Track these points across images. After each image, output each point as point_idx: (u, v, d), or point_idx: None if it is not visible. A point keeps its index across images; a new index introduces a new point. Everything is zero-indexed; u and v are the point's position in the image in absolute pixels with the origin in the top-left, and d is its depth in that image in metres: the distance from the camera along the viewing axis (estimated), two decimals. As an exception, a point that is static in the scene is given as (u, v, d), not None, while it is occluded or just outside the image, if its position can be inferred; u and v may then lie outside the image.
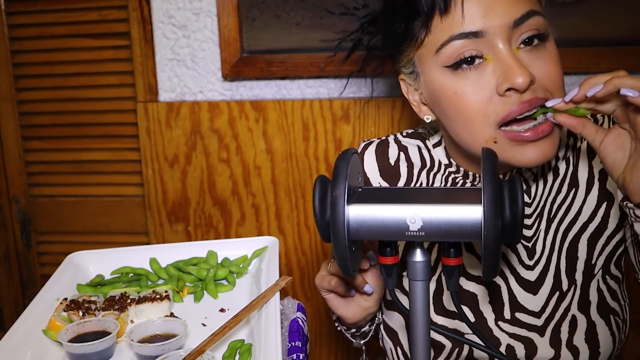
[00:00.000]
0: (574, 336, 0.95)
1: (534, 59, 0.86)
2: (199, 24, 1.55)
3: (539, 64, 0.86)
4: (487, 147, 0.74)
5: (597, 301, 0.97)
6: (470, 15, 0.84)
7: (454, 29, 0.85)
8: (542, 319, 0.96)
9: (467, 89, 0.86)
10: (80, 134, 1.67)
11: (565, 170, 0.98)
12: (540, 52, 0.87)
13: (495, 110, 0.85)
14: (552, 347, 0.95)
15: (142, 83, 1.59)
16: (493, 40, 0.85)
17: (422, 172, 1.04)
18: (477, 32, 0.84)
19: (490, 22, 0.84)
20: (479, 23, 0.84)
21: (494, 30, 0.84)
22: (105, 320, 0.98)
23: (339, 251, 0.73)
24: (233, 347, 0.95)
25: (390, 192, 0.79)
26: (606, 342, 0.96)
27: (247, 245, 1.24)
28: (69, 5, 1.58)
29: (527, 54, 0.86)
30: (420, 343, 0.77)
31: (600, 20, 1.39)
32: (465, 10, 0.84)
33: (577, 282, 0.97)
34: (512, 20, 0.84)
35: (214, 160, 1.59)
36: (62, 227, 1.73)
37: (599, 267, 0.98)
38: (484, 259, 0.69)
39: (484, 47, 0.85)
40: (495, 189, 0.68)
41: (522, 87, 0.83)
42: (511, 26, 0.84)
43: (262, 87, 1.57)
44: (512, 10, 0.84)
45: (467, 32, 0.84)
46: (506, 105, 0.85)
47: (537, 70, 0.85)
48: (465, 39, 0.85)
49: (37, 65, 1.64)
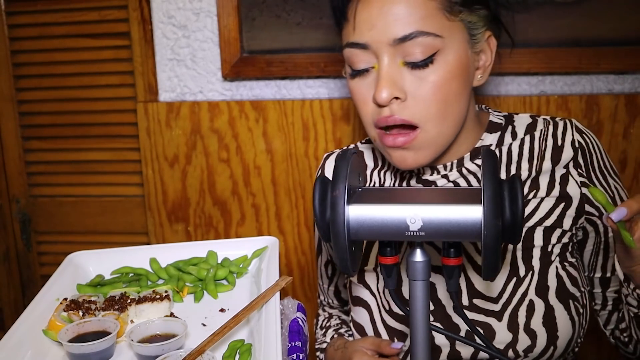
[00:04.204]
0: (531, 320, 0.97)
1: (415, 78, 0.92)
2: (199, 24, 1.55)
3: (418, 85, 0.92)
4: (487, 148, 0.74)
5: (556, 286, 0.99)
6: (360, 28, 0.92)
7: (349, 37, 0.95)
8: (500, 304, 0.98)
9: (356, 92, 0.97)
10: (80, 134, 1.67)
11: (528, 174, 1.02)
12: (422, 74, 0.92)
13: (372, 116, 0.96)
14: (510, 331, 0.97)
15: (142, 83, 1.59)
16: (378, 52, 0.92)
17: (374, 172, 1.11)
18: (364, 44, 0.92)
19: (374, 37, 0.91)
20: (365, 36, 0.92)
21: (377, 45, 0.91)
22: (105, 320, 0.98)
23: (339, 251, 0.73)
24: (233, 347, 0.95)
25: (390, 192, 0.79)
26: (565, 326, 0.98)
27: (247, 245, 1.24)
28: (69, 5, 1.58)
29: (409, 71, 0.92)
30: (420, 343, 0.77)
31: (600, 20, 1.39)
32: (356, 22, 0.93)
33: (535, 268, 0.99)
34: (392, 38, 0.90)
35: (214, 160, 1.59)
36: (62, 227, 1.73)
37: (556, 254, 1.01)
38: (484, 259, 0.69)
39: (372, 57, 0.93)
40: (495, 189, 0.68)
41: (381, 102, 0.92)
42: (392, 43, 0.90)
43: (262, 87, 1.57)
44: (395, 28, 0.90)
45: (356, 42, 0.93)
46: (375, 114, 0.95)
47: (414, 91, 0.92)
48: (355, 48, 0.94)
49: (37, 65, 1.64)
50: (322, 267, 1.25)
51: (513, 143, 1.04)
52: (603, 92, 1.47)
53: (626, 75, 1.45)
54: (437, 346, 0.99)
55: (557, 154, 1.02)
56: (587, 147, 1.03)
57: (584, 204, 1.01)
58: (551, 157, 1.02)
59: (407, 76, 0.92)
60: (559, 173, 1.02)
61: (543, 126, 1.05)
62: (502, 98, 1.46)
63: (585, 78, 1.46)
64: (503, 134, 1.05)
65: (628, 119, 1.44)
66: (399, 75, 0.92)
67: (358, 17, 0.92)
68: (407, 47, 0.90)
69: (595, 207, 1.02)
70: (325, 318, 1.26)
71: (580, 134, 1.04)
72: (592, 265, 1.08)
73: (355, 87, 0.97)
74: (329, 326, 1.22)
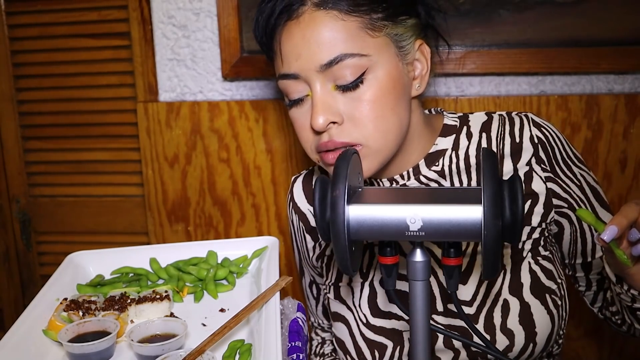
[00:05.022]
0: (507, 320, 0.97)
1: (348, 100, 0.93)
2: (199, 24, 1.55)
3: (352, 106, 0.93)
4: (487, 148, 0.74)
5: (530, 283, 0.98)
6: (287, 59, 0.94)
7: (279, 69, 0.96)
8: (474, 307, 0.98)
9: (295, 120, 0.98)
10: (80, 134, 1.67)
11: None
12: (355, 95, 0.92)
13: (312, 143, 0.97)
14: (487, 333, 0.96)
15: (142, 83, 1.59)
16: (309, 80, 0.93)
17: None
18: (293, 75, 0.94)
19: (301, 66, 0.92)
20: (293, 66, 0.93)
21: (305, 72, 0.92)
22: (105, 320, 0.98)
23: (339, 251, 0.73)
24: (233, 347, 0.95)
25: (390, 192, 0.79)
26: (542, 321, 0.97)
27: (247, 245, 1.24)
28: (69, 5, 1.58)
29: (341, 94, 0.93)
30: (420, 343, 0.77)
31: (600, 20, 1.39)
32: (283, 54, 0.94)
33: (506, 267, 0.99)
34: (319, 64, 0.91)
35: (214, 160, 1.59)
36: (62, 227, 1.73)
37: (527, 250, 1.00)
38: (484, 259, 0.69)
39: (305, 86, 0.94)
40: (495, 189, 0.68)
41: (318, 129, 0.92)
42: (320, 70, 0.91)
43: (262, 87, 1.57)
44: (321, 54, 0.90)
45: (286, 73, 0.95)
46: (317, 140, 0.96)
47: (350, 112, 0.93)
48: (287, 79, 0.95)
49: (37, 65, 1.64)
50: (307, 288, 1.26)
51: (470, 146, 1.03)
52: (603, 92, 1.47)
53: (626, 75, 1.45)
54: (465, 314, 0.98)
55: (517, 153, 1.01)
56: (547, 141, 1.02)
57: (551, 198, 1.01)
58: (511, 157, 1.02)
59: (340, 99, 0.92)
60: (522, 172, 1.01)
61: (499, 124, 1.04)
62: (502, 98, 1.46)
63: (585, 78, 1.46)
64: (458, 136, 1.04)
65: (628, 119, 1.44)
66: (333, 100, 0.92)
67: (284, 49, 0.94)
68: (336, 71, 0.91)
69: (563, 199, 1.02)
70: (319, 344, 1.27)
71: (538, 128, 1.02)
72: (572, 253, 1.08)
73: (293, 116, 0.98)
74: (324, 354, 1.23)
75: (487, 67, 1.45)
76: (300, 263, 1.24)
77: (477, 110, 1.32)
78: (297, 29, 0.92)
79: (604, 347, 1.56)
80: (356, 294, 1.05)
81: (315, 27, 0.90)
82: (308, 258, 1.19)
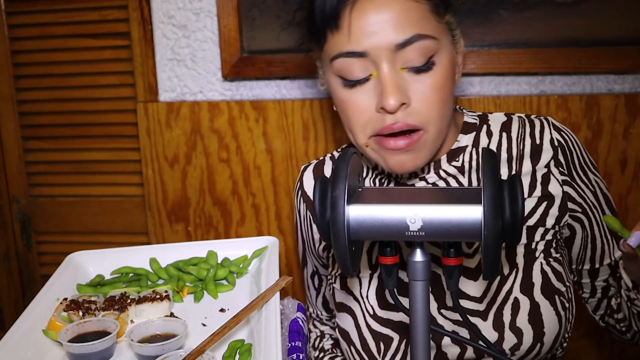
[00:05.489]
0: (517, 318, 0.97)
1: (416, 82, 0.91)
2: (199, 24, 1.55)
3: (419, 88, 0.92)
4: (487, 148, 0.74)
5: (541, 282, 0.99)
6: (356, 36, 0.90)
7: (342, 46, 0.92)
8: (484, 304, 0.98)
9: (352, 102, 0.94)
10: (80, 134, 1.67)
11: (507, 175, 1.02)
12: (422, 77, 0.92)
13: (373, 125, 0.94)
14: (495, 330, 0.97)
15: (142, 83, 1.59)
16: (377, 59, 0.90)
17: None
18: (362, 53, 0.90)
19: (373, 44, 0.89)
20: (363, 44, 0.90)
21: (377, 51, 0.89)
22: (105, 320, 0.98)
23: (339, 251, 0.73)
24: (233, 347, 0.95)
25: (390, 192, 0.79)
26: (551, 322, 0.97)
27: (247, 245, 1.24)
28: (69, 5, 1.58)
29: (410, 76, 0.91)
30: (420, 343, 0.77)
31: (600, 20, 1.39)
32: (352, 30, 0.90)
33: (519, 265, 0.99)
34: (394, 43, 0.89)
35: (214, 160, 1.59)
36: (62, 227, 1.73)
37: (540, 251, 1.01)
38: (484, 259, 0.69)
39: (370, 65, 0.91)
40: (495, 189, 0.68)
41: (391, 109, 0.90)
42: (393, 49, 0.89)
43: (262, 87, 1.57)
44: (395, 34, 0.89)
45: (352, 51, 0.91)
46: (379, 122, 0.93)
47: (415, 95, 0.92)
48: (351, 57, 0.91)
49: (37, 65, 1.64)
50: (309, 278, 1.26)
51: (490, 145, 1.04)
52: (603, 92, 1.47)
53: (626, 75, 1.45)
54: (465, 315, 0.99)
55: (536, 154, 1.02)
56: (567, 145, 1.03)
57: (566, 201, 1.02)
58: (531, 158, 1.02)
59: (409, 81, 0.91)
60: (540, 173, 1.02)
61: (519, 125, 1.05)
62: (502, 98, 1.46)
63: (585, 78, 1.46)
64: (478, 134, 1.05)
65: (628, 119, 1.44)
66: (402, 81, 0.91)
67: (354, 25, 0.90)
68: (407, 52, 0.89)
69: (578, 203, 1.02)
70: (318, 337, 1.26)
71: (558, 132, 1.03)
72: (581, 258, 1.09)
73: (349, 97, 0.94)
74: (323, 349, 1.23)
75: (487, 67, 1.45)
76: (304, 253, 1.24)
77: (477, 110, 1.32)
78: (372, 5, 0.89)
79: (604, 348, 1.56)
80: (364, 286, 1.05)
81: (392, 5, 0.89)
82: (314, 248, 1.19)
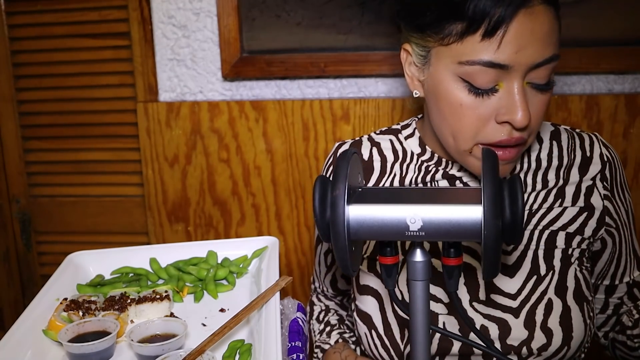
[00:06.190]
0: (548, 318, 0.97)
1: (534, 98, 0.90)
2: (199, 24, 1.55)
3: (537, 105, 0.91)
4: (487, 148, 0.74)
5: (574, 287, 1.00)
6: (506, 47, 0.86)
7: (486, 54, 0.87)
8: (518, 301, 0.98)
9: (473, 109, 0.90)
10: (80, 134, 1.67)
11: (554, 183, 1.04)
12: (540, 95, 0.91)
13: (486, 134, 0.91)
14: (526, 329, 0.97)
15: (142, 83, 1.59)
16: (512, 73, 0.87)
17: (395, 164, 1.08)
18: (505, 66, 0.87)
19: (519, 60, 0.86)
20: (510, 57, 0.86)
21: (519, 67, 0.87)
22: (105, 320, 0.98)
23: (339, 251, 0.73)
24: (233, 347, 0.95)
25: (390, 192, 0.79)
26: (579, 327, 0.98)
27: (247, 245, 1.24)
28: (69, 5, 1.58)
29: (532, 91, 0.90)
30: (420, 343, 0.77)
31: (600, 20, 1.39)
32: (503, 41, 0.86)
33: (555, 267, 1.00)
34: (535, 62, 0.87)
35: (214, 160, 1.59)
36: (62, 227, 1.73)
37: (575, 257, 1.02)
38: (484, 259, 0.69)
39: (503, 76, 0.88)
40: (495, 189, 0.68)
41: (520, 126, 0.88)
42: (534, 66, 0.88)
43: (262, 87, 1.57)
44: (541, 52, 0.87)
45: (496, 62, 0.86)
46: (497, 133, 0.90)
47: (532, 111, 0.90)
48: (491, 67, 0.87)
49: (37, 65, 1.64)
50: (322, 255, 1.24)
51: (542, 151, 1.06)
52: (603, 92, 1.47)
53: (626, 75, 1.45)
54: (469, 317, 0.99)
55: (585, 166, 1.05)
56: (614, 162, 1.06)
57: (604, 215, 1.04)
58: (579, 168, 1.05)
59: (529, 96, 0.90)
60: (585, 185, 1.04)
61: (568, 136, 1.07)
62: (502, 98, 1.46)
63: (585, 78, 1.46)
64: None
65: (628, 119, 1.44)
66: (526, 97, 0.89)
67: (507, 37, 0.85)
68: (539, 71, 0.88)
69: (614, 219, 1.05)
70: (322, 310, 1.25)
71: (606, 148, 1.07)
72: (603, 273, 1.11)
73: (472, 103, 0.90)
74: (330, 323, 1.22)
75: (487, 67, 1.45)
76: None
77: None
78: (529, 20, 0.86)
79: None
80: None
81: (545, 22, 0.87)
82: None
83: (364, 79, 1.54)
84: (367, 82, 1.54)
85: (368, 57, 1.50)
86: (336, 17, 1.48)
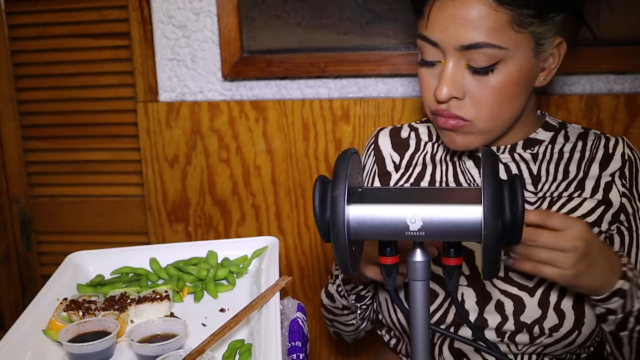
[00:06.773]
0: (562, 301, 1.00)
1: (475, 81, 0.98)
2: (199, 24, 1.55)
3: (477, 88, 0.98)
4: (487, 148, 0.74)
5: None
6: (432, 26, 0.98)
7: (422, 29, 1.01)
8: (535, 281, 1.01)
9: (423, 79, 1.04)
10: (80, 134, 1.67)
11: (575, 175, 1.07)
12: (482, 79, 0.98)
13: (431, 103, 1.03)
14: (539, 308, 1.00)
15: (142, 83, 1.59)
16: (445, 52, 0.98)
17: (427, 143, 1.19)
18: (434, 42, 0.99)
19: (443, 38, 0.97)
20: (436, 35, 0.98)
21: (445, 46, 0.97)
22: (105, 320, 0.98)
23: (339, 251, 0.73)
24: (233, 347, 0.95)
25: (390, 192, 0.79)
26: (590, 315, 1.00)
27: (247, 245, 1.24)
28: (69, 5, 1.58)
29: (472, 75, 0.98)
30: (420, 343, 0.77)
31: (600, 20, 1.39)
32: (429, 20, 0.99)
33: None
34: (459, 44, 0.96)
35: (214, 160, 1.59)
36: (62, 227, 1.73)
37: None
38: (483, 259, 0.69)
39: (440, 54, 0.99)
40: (495, 189, 0.68)
41: (439, 99, 0.99)
42: (458, 48, 0.96)
43: (262, 87, 1.57)
44: (462, 36, 0.95)
45: (427, 38, 1.00)
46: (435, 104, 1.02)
47: (470, 92, 0.99)
48: (426, 42, 1.00)
49: (37, 65, 1.64)
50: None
51: (565, 145, 1.10)
52: (603, 92, 1.47)
53: (626, 75, 1.45)
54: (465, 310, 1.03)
55: (605, 162, 1.08)
56: (635, 162, 1.08)
57: (620, 212, 1.05)
58: (600, 164, 1.08)
59: (468, 77, 0.98)
60: (604, 180, 1.06)
61: (595, 137, 1.11)
62: (502, 98, 1.46)
63: (585, 78, 1.46)
64: (556, 134, 1.11)
65: (628, 119, 1.44)
66: (461, 76, 0.98)
67: (432, 16, 0.98)
68: (472, 54, 0.95)
69: (627, 218, 1.06)
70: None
71: (630, 149, 1.09)
72: None
73: (422, 74, 1.04)
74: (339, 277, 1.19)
75: (487, 67, 1.45)
76: None
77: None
78: (451, 4, 0.96)
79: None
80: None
81: (468, 9, 0.94)
82: None
83: (364, 79, 1.54)
84: (367, 82, 1.54)
85: (368, 57, 1.50)
86: (336, 17, 1.48)
